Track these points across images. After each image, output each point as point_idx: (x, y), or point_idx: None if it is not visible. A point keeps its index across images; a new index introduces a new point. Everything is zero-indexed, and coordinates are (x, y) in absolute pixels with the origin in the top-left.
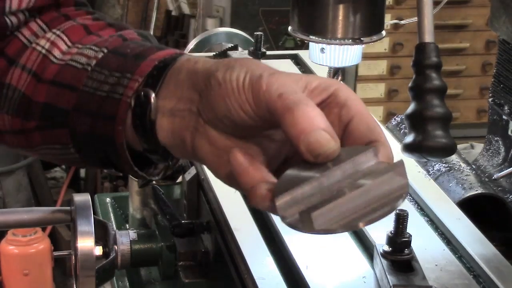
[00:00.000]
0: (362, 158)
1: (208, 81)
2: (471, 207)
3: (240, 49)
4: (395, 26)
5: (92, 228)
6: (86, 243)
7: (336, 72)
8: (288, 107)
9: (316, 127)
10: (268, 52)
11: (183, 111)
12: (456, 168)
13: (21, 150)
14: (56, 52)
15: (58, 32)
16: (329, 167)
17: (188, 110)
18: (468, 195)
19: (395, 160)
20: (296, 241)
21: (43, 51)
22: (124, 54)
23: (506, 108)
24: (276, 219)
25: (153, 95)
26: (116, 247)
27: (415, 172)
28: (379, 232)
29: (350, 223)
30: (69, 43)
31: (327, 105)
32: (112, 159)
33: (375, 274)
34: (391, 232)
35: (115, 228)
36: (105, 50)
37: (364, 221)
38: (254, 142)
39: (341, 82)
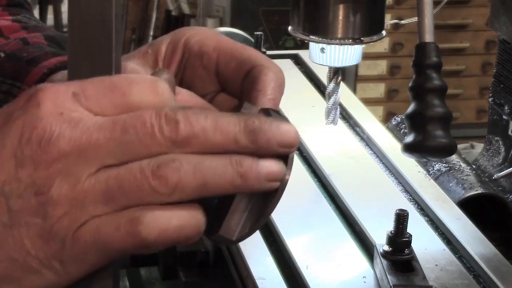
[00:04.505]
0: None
1: None
2: (471, 207)
3: None
4: (395, 26)
5: None
6: None
7: (336, 72)
8: None
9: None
10: (268, 52)
11: None
12: (456, 168)
13: None
14: None
15: None
16: None
17: None
18: (468, 195)
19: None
20: (296, 241)
21: None
22: (19, 59)
23: (506, 108)
24: (276, 219)
25: None
26: None
27: (415, 172)
28: (379, 232)
29: None
30: None
31: (187, 61)
32: None
33: (375, 274)
34: (391, 232)
35: None
36: (2, 55)
37: None
38: None
39: (209, 29)
